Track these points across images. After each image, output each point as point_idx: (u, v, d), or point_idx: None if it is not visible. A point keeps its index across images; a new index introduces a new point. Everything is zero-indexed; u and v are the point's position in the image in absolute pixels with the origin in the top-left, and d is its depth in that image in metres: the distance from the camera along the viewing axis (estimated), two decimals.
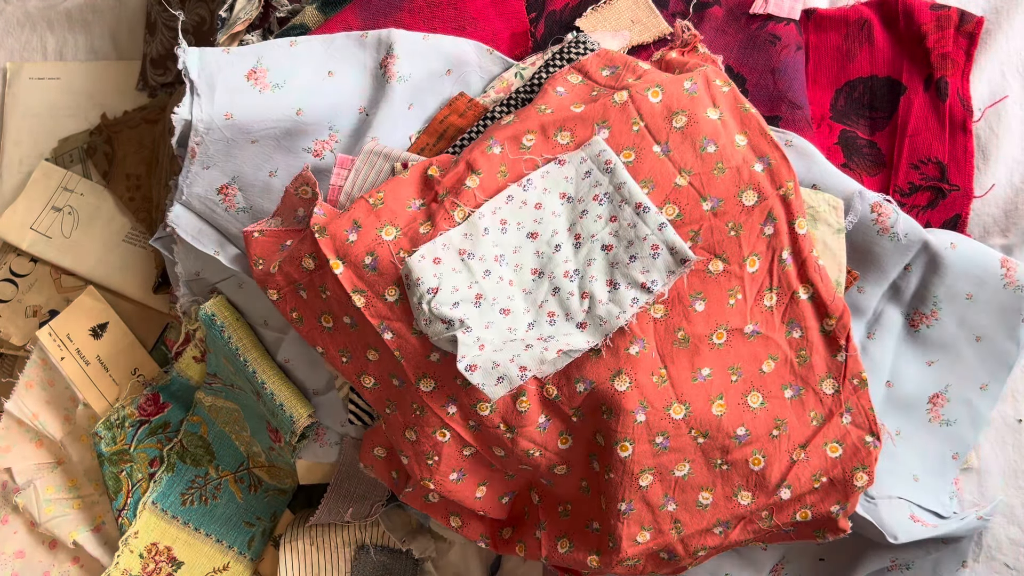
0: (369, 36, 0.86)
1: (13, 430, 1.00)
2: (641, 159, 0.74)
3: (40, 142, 1.07)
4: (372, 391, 0.79)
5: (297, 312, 0.79)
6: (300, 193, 0.80)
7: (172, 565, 0.95)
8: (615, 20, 0.89)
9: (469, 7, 0.90)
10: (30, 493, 0.98)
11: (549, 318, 0.72)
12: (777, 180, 0.75)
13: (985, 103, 0.87)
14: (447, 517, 0.84)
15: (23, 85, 1.08)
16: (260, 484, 0.95)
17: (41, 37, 1.11)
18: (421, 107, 0.85)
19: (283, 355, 0.88)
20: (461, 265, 0.73)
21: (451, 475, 0.79)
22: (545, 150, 0.77)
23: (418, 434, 0.78)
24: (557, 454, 0.76)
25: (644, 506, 0.74)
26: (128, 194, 1.03)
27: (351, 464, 0.88)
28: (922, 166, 0.86)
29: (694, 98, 0.75)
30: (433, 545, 0.92)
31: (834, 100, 0.89)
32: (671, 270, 0.72)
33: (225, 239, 0.86)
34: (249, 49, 0.85)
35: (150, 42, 1.05)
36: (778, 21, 0.88)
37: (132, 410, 0.96)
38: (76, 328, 0.99)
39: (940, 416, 0.83)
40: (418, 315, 0.72)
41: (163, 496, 0.95)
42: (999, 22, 0.88)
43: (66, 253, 1.02)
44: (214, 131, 0.82)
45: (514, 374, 0.67)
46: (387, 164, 0.79)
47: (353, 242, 0.74)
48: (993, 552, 0.82)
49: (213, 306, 0.88)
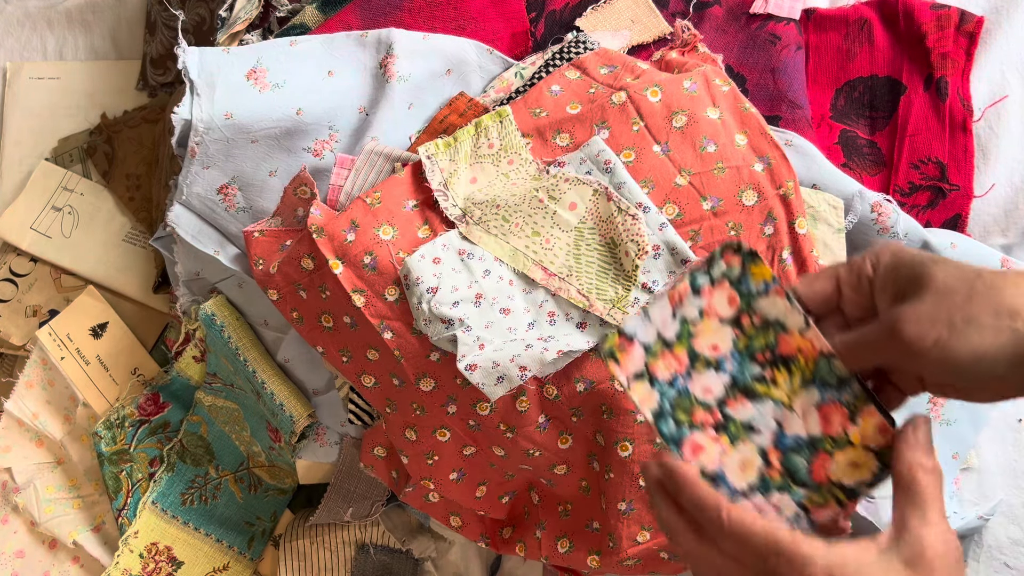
0: (369, 36, 0.86)
1: (13, 430, 1.00)
2: (641, 159, 0.74)
3: (40, 142, 1.07)
4: (372, 391, 0.79)
5: (297, 312, 0.79)
6: (299, 193, 0.80)
7: (172, 565, 0.95)
8: (615, 20, 0.89)
9: (469, 7, 0.90)
10: (30, 493, 0.98)
11: (549, 318, 0.72)
12: (777, 180, 0.75)
13: (985, 103, 0.87)
14: (447, 517, 0.84)
15: (23, 85, 1.08)
16: (260, 484, 0.95)
17: (41, 37, 1.11)
18: (421, 107, 0.85)
19: (283, 355, 0.88)
20: (461, 265, 0.73)
21: (451, 475, 0.79)
22: (544, 153, 0.77)
23: (418, 434, 0.78)
24: (557, 454, 0.76)
25: (644, 506, 0.74)
26: (128, 194, 1.03)
27: (351, 464, 0.88)
28: (922, 166, 0.85)
29: (694, 97, 0.75)
30: (433, 545, 0.92)
31: (834, 100, 0.89)
32: (671, 270, 0.72)
33: (225, 239, 0.86)
34: (249, 49, 0.85)
35: (150, 42, 1.05)
36: (778, 21, 0.88)
37: (132, 410, 0.96)
38: (76, 328, 0.99)
39: (940, 416, 0.83)
40: (418, 315, 0.72)
41: (163, 496, 0.95)
42: (999, 22, 0.88)
43: (66, 253, 1.02)
44: (214, 131, 0.82)
45: (514, 374, 0.67)
46: (387, 164, 0.79)
47: (351, 242, 0.74)
48: (993, 552, 0.81)
49: (213, 306, 0.88)
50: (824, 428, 0.51)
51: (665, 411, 0.52)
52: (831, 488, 0.51)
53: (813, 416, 0.51)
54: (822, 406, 0.51)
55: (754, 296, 0.52)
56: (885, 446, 0.50)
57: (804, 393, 0.52)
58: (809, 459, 0.51)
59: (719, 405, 0.52)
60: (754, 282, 0.52)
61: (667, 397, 0.52)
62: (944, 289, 0.45)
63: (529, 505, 0.83)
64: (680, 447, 0.51)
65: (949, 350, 0.45)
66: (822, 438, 0.51)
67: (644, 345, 0.52)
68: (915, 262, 0.47)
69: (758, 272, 0.52)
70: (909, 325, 0.46)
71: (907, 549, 0.44)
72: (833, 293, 0.51)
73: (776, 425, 0.52)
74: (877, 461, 0.50)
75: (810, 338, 0.51)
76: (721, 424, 0.52)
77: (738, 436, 0.52)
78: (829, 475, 0.51)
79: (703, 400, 0.52)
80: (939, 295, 0.45)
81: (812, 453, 0.51)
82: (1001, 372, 0.44)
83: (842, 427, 0.51)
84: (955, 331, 0.44)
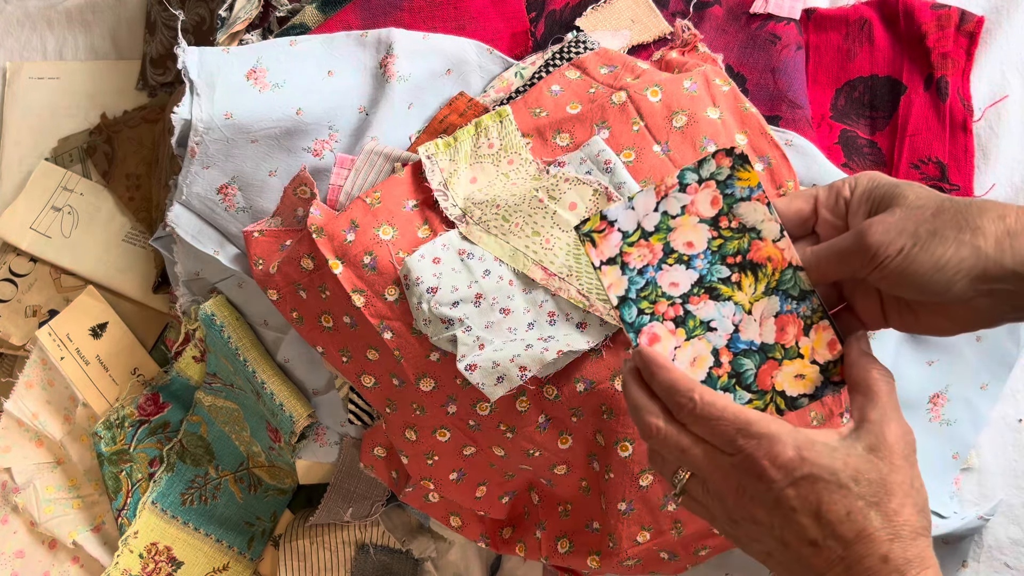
0: (369, 35, 0.86)
1: (13, 430, 1.00)
2: (641, 159, 0.74)
3: (40, 142, 1.07)
4: (372, 391, 0.79)
5: (297, 312, 0.79)
6: (299, 193, 0.80)
7: (172, 565, 0.95)
8: (615, 19, 0.89)
9: (469, 7, 0.90)
10: (30, 493, 0.98)
11: (549, 318, 0.72)
12: (777, 180, 0.75)
13: (985, 103, 0.87)
14: (447, 517, 0.84)
15: (23, 85, 1.08)
16: (260, 484, 0.95)
17: (41, 37, 1.11)
18: (421, 107, 0.85)
19: (283, 355, 0.88)
20: (461, 265, 0.73)
21: (451, 475, 0.79)
22: (544, 153, 0.77)
23: (418, 434, 0.78)
24: (557, 454, 0.76)
25: (644, 506, 0.74)
26: (128, 194, 1.03)
27: (351, 464, 0.88)
28: (922, 166, 0.85)
29: (694, 97, 0.75)
30: (433, 545, 0.92)
31: (834, 100, 0.89)
32: None
33: (225, 239, 0.86)
34: (249, 49, 0.85)
35: (150, 42, 1.05)
36: (778, 20, 0.88)
37: (132, 410, 0.96)
38: (76, 328, 0.99)
39: (940, 416, 0.83)
40: (418, 315, 0.72)
41: (163, 496, 0.95)
42: (999, 22, 0.88)
43: (66, 253, 1.02)
44: (214, 131, 0.82)
45: (514, 374, 0.67)
46: (387, 164, 0.79)
47: (351, 242, 0.74)
48: (994, 552, 0.81)
49: (213, 306, 0.88)
50: (778, 337, 0.54)
51: (630, 298, 0.55)
52: (773, 395, 0.54)
53: (769, 324, 0.54)
54: (780, 315, 0.54)
55: (736, 199, 0.54)
56: (832, 362, 0.53)
57: (765, 300, 0.54)
58: (758, 364, 0.54)
59: (683, 300, 0.55)
60: (739, 186, 0.54)
61: (635, 284, 0.55)
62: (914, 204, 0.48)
63: (529, 505, 0.83)
64: (638, 334, 0.55)
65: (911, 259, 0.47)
66: (774, 346, 0.54)
67: (623, 232, 0.55)
68: (890, 183, 0.50)
69: (745, 176, 0.54)
70: (876, 234, 0.48)
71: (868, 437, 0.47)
72: (810, 214, 0.54)
73: (733, 328, 0.55)
74: (821, 376, 0.53)
75: (781, 248, 0.54)
76: (681, 318, 0.55)
77: (695, 332, 0.55)
78: (774, 383, 0.54)
79: (668, 293, 0.55)
80: (908, 209, 0.48)
81: (762, 359, 0.54)
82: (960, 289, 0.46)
83: (795, 338, 0.54)
84: (919, 242, 0.47)
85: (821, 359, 0.53)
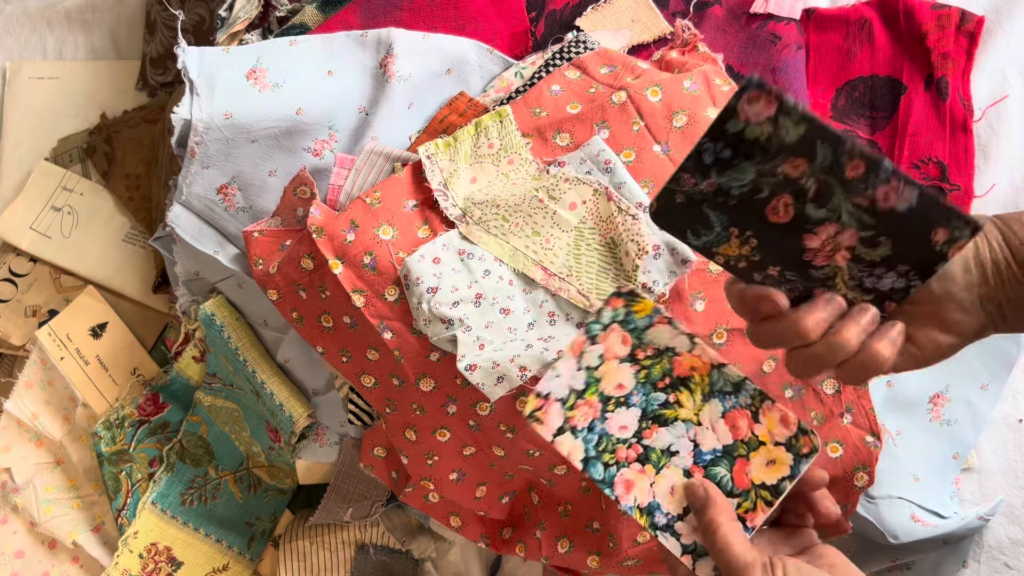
0: (369, 35, 0.86)
1: (13, 430, 1.00)
2: (641, 159, 0.74)
3: (40, 142, 1.07)
4: (372, 391, 0.79)
5: (297, 312, 0.79)
6: (299, 193, 0.80)
7: (172, 565, 0.95)
8: (615, 19, 0.89)
9: (469, 6, 0.90)
10: (30, 493, 0.98)
11: (549, 318, 0.72)
12: None
13: (986, 103, 0.87)
14: (447, 517, 0.84)
15: (23, 85, 1.08)
16: (260, 484, 0.95)
17: (41, 37, 1.11)
18: (421, 107, 0.85)
19: (283, 355, 0.88)
20: (461, 265, 0.73)
21: (451, 475, 0.79)
22: (544, 153, 0.77)
23: (418, 434, 0.78)
24: (556, 454, 0.76)
25: None
26: (128, 194, 1.03)
27: (351, 464, 0.88)
28: (923, 166, 0.85)
29: (694, 97, 0.75)
30: (433, 545, 0.92)
31: (834, 99, 0.89)
32: (672, 270, 0.72)
33: (225, 239, 0.86)
34: (249, 49, 0.85)
35: (150, 42, 1.05)
36: (779, 20, 0.88)
37: (132, 410, 0.96)
38: (75, 328, 0.99)
39: (941, 416, 0.83)
40: (418, 315, 0.72)
41: (163, 496, 0.95)
42: (1000, 22, 0.88)
43: (66, 253, 1.02)
44: (214, 131, 0.82)
45: (514, 374, 0.67)
46: (387, 164, 0.79)
47: (351, 242, 0.74)
48: (994, 552, 0.81)
49: (213, 306, 0.88)
50: (735, 435, 0.56)
51: (591, 456, 0.57)
52: (756, 491, 0.55)
53: (722, 426, 0.56)
54: (726, 414, 0.56)
55: (641, 330, 0.57)
56: (792, 437, 0.55)
57: (707, 407, 0.57)
58: (729, 468, 0.56)
59: (636, 438, 0.57)
60: (639, 318, 0.57)
61: (590, 443, 0.57)
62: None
63: (529, 505, 0.83)
64: (613, 488, 0.57)
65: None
66: (735, 444, 0.56)
67: (560, 400, 0.57)
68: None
69: (640, 308, 0.57)
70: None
71: None
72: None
73: (692, 444, 0.57)
74: (790, 453, 0.55)
75: (698, 354, 0.56)
76: (643, 455, 0.57)
77: (660, 463, 0.57)
78: (751, 479, 0.55)
79: (621, 437, 0.57)
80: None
81: (731, 462, 0.56)
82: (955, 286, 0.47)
83: (749, 429, 0.56)
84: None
85: (782, 438, 0.55)
